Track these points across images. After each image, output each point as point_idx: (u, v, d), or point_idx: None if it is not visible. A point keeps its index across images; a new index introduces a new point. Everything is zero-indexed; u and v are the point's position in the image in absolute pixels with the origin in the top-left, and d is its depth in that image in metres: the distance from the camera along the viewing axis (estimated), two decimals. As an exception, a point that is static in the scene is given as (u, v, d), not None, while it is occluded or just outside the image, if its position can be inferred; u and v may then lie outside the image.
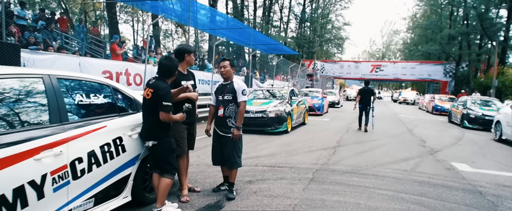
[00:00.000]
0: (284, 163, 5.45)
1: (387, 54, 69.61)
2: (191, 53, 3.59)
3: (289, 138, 8.19)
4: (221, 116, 3.68)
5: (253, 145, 7.06)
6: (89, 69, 8.46)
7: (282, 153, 6.28)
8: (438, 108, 19.47)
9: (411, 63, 39.71)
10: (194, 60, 3.69)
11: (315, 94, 16.57)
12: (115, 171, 2.68)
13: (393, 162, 5.80)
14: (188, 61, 3.60)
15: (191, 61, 3.61)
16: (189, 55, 3.58)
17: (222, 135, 3.69)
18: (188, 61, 3.60)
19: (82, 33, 12.97)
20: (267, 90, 10.68)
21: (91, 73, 8.46)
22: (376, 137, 8.83)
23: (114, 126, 2.73)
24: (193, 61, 3.65)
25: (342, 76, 42.08)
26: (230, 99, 3.66)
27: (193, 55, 3.62)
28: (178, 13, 16.47)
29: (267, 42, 23.23)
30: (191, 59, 3.60)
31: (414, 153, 6.76)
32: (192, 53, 3.60)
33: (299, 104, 10.53)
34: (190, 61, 3.61)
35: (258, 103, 9.16)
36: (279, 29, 39.07)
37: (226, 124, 3.66)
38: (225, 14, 23.33)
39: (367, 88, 10.40)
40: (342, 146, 7.23)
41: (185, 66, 3.64)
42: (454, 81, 34.76)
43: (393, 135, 9.47)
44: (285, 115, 8.83)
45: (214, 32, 22.72)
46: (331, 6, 46.47)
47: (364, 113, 10.14)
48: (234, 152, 3.65)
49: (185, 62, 3.60)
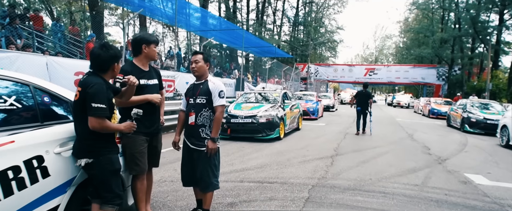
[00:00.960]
0: (275, 177, 4.67)
1: (380, 58, 69.76)
2: (150, 44, 2.80)
3: (282, 145, 7.42)
4: (192, 124, 2.90)
5: (241, 154, 6.27)
6: (58, 70, 7.61)
7: (273, 164, 5.49)
8: (434, 112, 18.94)
9: (404, 66, 39.53)
10: (156, 53, 2.89)
11: (309, 98, 15.85)
12: (29, 206, 1.87)
13: (400, 174, 5.06)
14: (148, 54, 2.81)
15: (151, 54, 2.82)
16: (148, 47, 2.79)
17: (193, 148, 2.90)
18: (147, 54, 2.82)
19: (59, 32, 12.07)
20: (258, 93, 9.90)
21: (61, 74, 7.61)
22: (377, 144, 8.11)
23: (28, 141, 1.91)
24: (155, 55, 2.85)
25: (336, 80, 41.66)
26: (203, 103, 2.88)
27: (154, 46, 2.83)
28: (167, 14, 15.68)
29: (260, 44, 22.54)
30: (151, 52, 2.81)
31: (421, 162, 6.04)
32: (152, 44, 2.81)
33: (293, 108, 9.78)
34: (150, 54, 2.82)
35: (248, 107, 8.38)
36: (272, 32, 38.48)
37: (199, 135, 2.88)
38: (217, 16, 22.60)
39: (364, 91, 10.04)
40: (341, 155, 6.48)
41: (145, 60, 2.84)
42: (447, 84, 34.55)
43: (393, 141, 8.77)
44: (277, 120, 8.06)
45: (205, 34, 21.95)
46: (324, 10, 46.24)
47: (362, 116, 9.79)
48: (208, 171, 2.86)
49: (143, 55, 2.81)
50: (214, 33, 19.90)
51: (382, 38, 68.92)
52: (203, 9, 20.20)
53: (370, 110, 9.79)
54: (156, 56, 2.87)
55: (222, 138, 8.13)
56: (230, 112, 8.19)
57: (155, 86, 2.91)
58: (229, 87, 17.02)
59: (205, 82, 2.93)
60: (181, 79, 12.56)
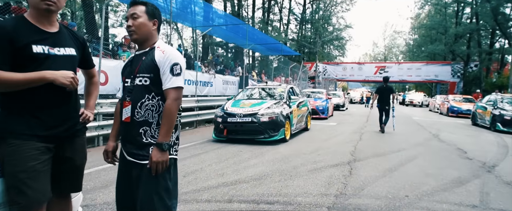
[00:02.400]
0: (276, 194, 3.47)
1: (390, 57, 67.94)
2: None
3: (288, 149, 6.21)
4: (128, 121, 1.72)
5: (236, 161, 5.08)
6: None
7: (275, 174, 4.30)
8: (454, 110, 17.47)
9: (416, 63, 37.97)
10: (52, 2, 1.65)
11: (318, 95, 14.58)
12: None
13: (444, 187, 3.81)
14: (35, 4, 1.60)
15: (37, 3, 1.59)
16: None
17: (130, 161, 1.73)
18: (35, 5, 1.60)
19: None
20: (260, 88, 8.65)
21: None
22: (400, 146, 6.84)
23: None
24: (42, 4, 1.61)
25: (345, 78, 40.26)
26: (146, 86, 1.70)
27: None
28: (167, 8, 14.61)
29: (266, 41, 21.36)
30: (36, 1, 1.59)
31: (464, 169, 4.77)
32: None
33: (300, 106, 8.55)
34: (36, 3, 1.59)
35: (248, 104, 7.19)
36: (278, 30, 37.28)
37: (139, 139, 1.70)
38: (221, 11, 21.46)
39: (385, 86, 9.19)
40: (360, 161, 5.24)
41: (40, 14, 1.63)
42: (463, 81, 32.86)
43: (419, 143, 7.48)
44: (282, 119, 6.85)
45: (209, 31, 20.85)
46: (332, 8, 44.89)
47: (384, 113, 9.16)
48: (154, 199, 1.67)
49: (33, 7, 1.62)
50: (219, 30, 18.80)
51: (392, 35, 67.14)
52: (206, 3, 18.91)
53: (393, 105, 9.18)
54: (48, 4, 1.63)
55: (217, 141, 6.97)
56: (227, 109, 7.01)
57: (69, 59, 1.73)
58: (232, 85, 15.89)
59: (150, 51, 1.74)
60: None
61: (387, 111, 9.11)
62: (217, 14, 18.52)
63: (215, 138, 7.08)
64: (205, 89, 13.45)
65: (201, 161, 4.98)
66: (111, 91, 8.67)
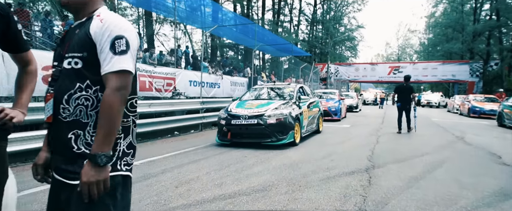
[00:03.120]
0: (282, 209, 2.90)
1: (403, 57, 66.34)
2: None
3: (297, 154, 5.62)
4: (49, 121, 1.20)
5: (238, 168, 4.52)
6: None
7: (282, 183, 3.72)
8: (476, 110, 16.45)
9: (433, 63, 36.67)
10: None
11: (330, 96, 13.90)
12: None
13: (486, 201, 3.16)
14: None
15: None
16: None
17: (58, 181, 1.19)
18: None
19: (48, 28, 10.89)
20: (269, 88, 8.05)
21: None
22: (423, 149, 6.16)
23: None
24: None
25: (358, 79, 39.24)
26: (76, 70, 1.17)
27: None
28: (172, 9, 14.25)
29: (276, 41, 20.81)
30: None
31: (503, 178, 4.08)
32: None
33: (311, 106, 7.94)
34: None
35: (254, 105, 6.63)
36: (289, 31, 36.69)
37: (68, 148, 1.17)
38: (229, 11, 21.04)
39: (405, 85, 8.83)
40: (380, 167, 4.61)
41: None
42: (483, 81, 31.49)
43: (442, 146, 6.77)
44: (291, 120, 6.27)
45: (217, 32, 20.47)
46: (344, 8, 44.02)
47: (404, 113, 8.79)
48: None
49: None
50: (229, 32, 18.36)
51: (406, 35, 65.53)
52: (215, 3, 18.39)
53: (414, 105, 8.78)
54: None
55: (221, 145, 6.43)
56: (231, 111, 6.47)
57: None
58: (240, 86, 15.39)
59: (87, 21, 1.22)
60: (183, 77, 11.02)
61: (407, 111, 8.79)
62: (225, 14, 18.10)
63: (218, 142, 6.55)
64: (212, 91, 12.98)
65: (199, 168, 4.45)
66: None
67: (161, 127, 7.73)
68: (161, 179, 3.89)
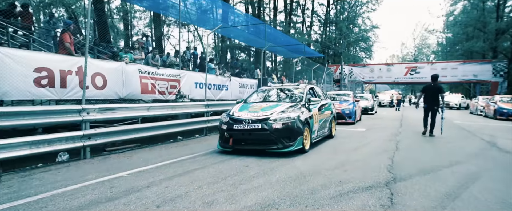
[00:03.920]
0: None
1: (420, 57, 64.37)
2: None
3: (306, 163, 4.97)
4: None
5: (236, 181, 3.92)
6: (10, 65, 5.78)
7: (284, 203, 3.09)
8: (503, 112, 15.32)
9: (452, 63, 35.20)
10: None
11: (344, 98, 13.13)
12: None
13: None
14: None
15: None
16: None
17: None
18: None
19: (52, 30, 10.65)
20: (278, 89, 7.39)
21: (16, 71, 5.78)
22: (450, 157, 5.39)
23: None
24: None
25: (373, 81, 38.07)
26: None
27: None
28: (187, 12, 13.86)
29: (288, 42, 20.16)
30: None
31: (559, 197, 3.32)
32: None
33: (323, 109, 7.26)
34: None
35: (258, 108, 6.01)
36: (301, 32, 35.96)
37: None
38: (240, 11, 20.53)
39: (433, 85, 8.38)
40: (403, 180, 3.91)
41: None
42: (507, 81, 29.90)
43: (473, 153, 5.97)
44: (299, 125, 5.62)
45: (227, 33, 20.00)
46: (358, 8, 42.93)
47: (431, 114, 8.36)
48: None
49: None
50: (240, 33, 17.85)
51: (422, 35, 63.48)
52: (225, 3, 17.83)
53: (442, 106, 8.28)
54: None
55: (222, 152, 5.85)
56: (233, 115, 5.88)
57: None
58: (249, 88, 14.81)
59: None
60: (189, 79, 10.54)
61: (434, 113, 8.35)
62: (236, 14, 17.60)
63: (219, 149, 5.96)
64: (219, 93, 12.45)
65: (191, 182, 3.86)
66: (110, 96, 7.84)
67: (161, 131, 7.21)
68: (143, 195, 3.32)
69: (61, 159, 5.35)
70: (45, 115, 4.92)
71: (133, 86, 8.28)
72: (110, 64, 7.93)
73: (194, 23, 18.28)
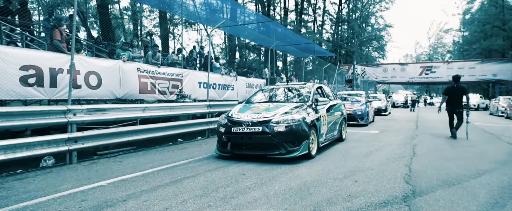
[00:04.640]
0: None
1: (435, 57, 62.59)
2: None
3: (312, 171, 4.40)
4: None
5: (227, 194, 3.39)
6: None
7: (280, 223, 2.55)
8: (528, 113, 14.34)
9: (469, 62, 33.86)
10: None
11: (356, 98, 12.47)
12: None
13: None
14: None
15: None
16: None
17: None
18: None
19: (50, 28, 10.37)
20: (283, 88, 6.82)
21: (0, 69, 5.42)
22: (475, 164, 4.74)
23: None
24: None
25: (386, 81, 36.97)
26: None
27: None
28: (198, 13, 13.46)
29: (298, 41, 19.56)
30: None
31: None
32: None
33: (332, 110, 6.67)
34: None
35: (259, 109, 5.47)
36: (312, 31, 35.22)
37: None
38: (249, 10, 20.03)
39: (456, 85, 7.93)
40: (424, 195, 3.31)
41: None
42: (530, 80, 28.55)
43: (501, 160, 5.29)
44: (305, 128, 5.06)
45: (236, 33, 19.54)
46: (371, 8, 41.89)
47: (456, 116, 7.96)
48: None
49: None
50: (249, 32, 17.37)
51: (437, 34, 61.67)
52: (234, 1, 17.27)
53: (468, 108, 7.90)
54: None
55: (220, 157, 5.34)
56: (233, 116, 5.36)
57: None
58: (257, 88, 14.29)
59: None
60: (192, 78, 10.10)
61: (459, 115, 7.91)
62: (245, 13, 17.10)
63: (217, 153, 5.46)
64: (225, 93, 11.97)
65: (176, 194, 3.36)
66: (105, 96, 7.44)
67: (159, 134, 6.75)
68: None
69: (45, 164, 4.95)
70: (24, 116, 4.50)
71: (131, 85, 7.87)
72: (106, 62, 7.53)
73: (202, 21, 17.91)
